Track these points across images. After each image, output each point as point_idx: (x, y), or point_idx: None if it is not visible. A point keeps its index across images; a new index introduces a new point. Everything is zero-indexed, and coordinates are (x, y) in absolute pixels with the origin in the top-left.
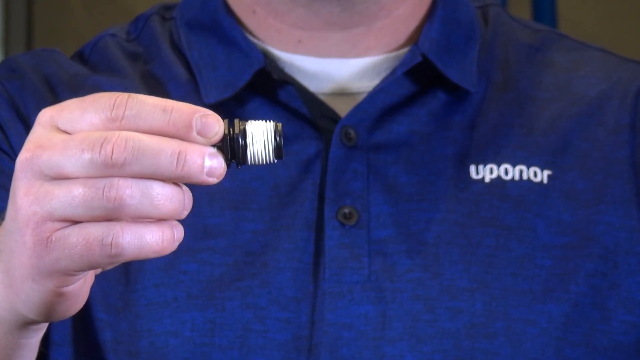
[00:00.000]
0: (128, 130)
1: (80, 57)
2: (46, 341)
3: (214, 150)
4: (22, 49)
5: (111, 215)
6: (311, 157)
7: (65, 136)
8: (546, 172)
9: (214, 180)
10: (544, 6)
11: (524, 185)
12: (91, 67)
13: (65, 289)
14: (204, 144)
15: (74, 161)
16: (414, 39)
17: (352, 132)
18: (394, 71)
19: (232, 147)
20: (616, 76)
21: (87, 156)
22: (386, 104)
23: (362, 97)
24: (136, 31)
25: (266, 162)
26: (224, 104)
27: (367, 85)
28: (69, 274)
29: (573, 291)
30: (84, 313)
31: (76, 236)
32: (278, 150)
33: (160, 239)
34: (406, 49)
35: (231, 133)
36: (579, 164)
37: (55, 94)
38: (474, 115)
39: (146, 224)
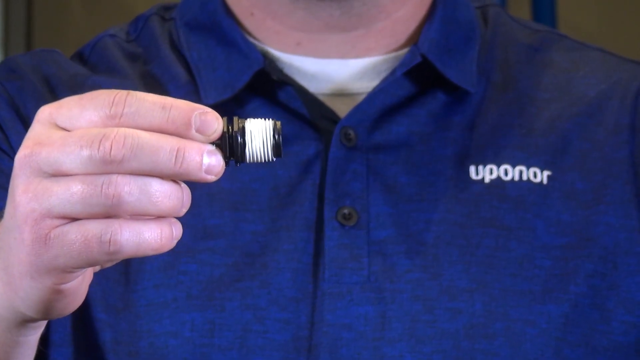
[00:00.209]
0: (127, 127)
1: (80, 57)
2: (46, 341)
3: (213, 147)
4: (22, 49)
5: (110, 212)
6: (311, 158)
7: (63, 133)
8: (546, 173)
9: (212, 178)
10: (544, 6)
11: (523, 186)
12: (91, 68)
13: (64, 286)
14: (202, 142)
15: (73, 158)
16: (414, 39)
17: (352, 133)
18: (393, 72)
19: (230, 145)
20: (616, 76)
21: (85, 153)
22: (386, 104)
23: (361, 97)
24: (136, 32)
25: (265, 160)
26: (223, 105)
27: (367, 85)
28: (68, 271)
29: (572, 292)
30: (83, 313)
31: (75, 233)
32: (277, 149)
33: (158, 236)
34: (406, 49)
35: (230, 131)
36: (579, 164)
37: (55, 94)
38: (473, 115)
39: (145, 221)
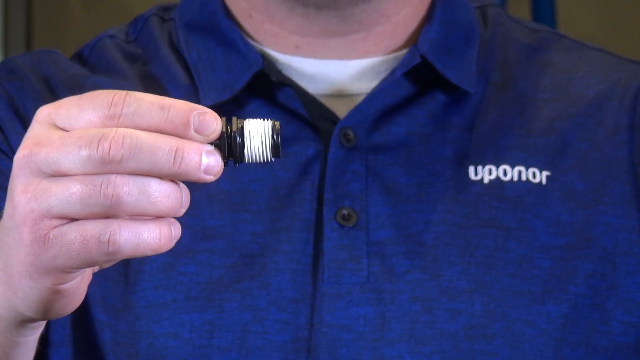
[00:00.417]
0: (126, 127)
1: (80, 58)
2: (45, 341)
3: (212, 148)
4: (22, 49)
5: (108, 213)
6: (310, 159)
7: (62, 133)
8: (545, 173)
9: (211, 178)
10: (544, 6)
11: (522, 186)
12: (90, 68)
13: (63, 286)
14: (201, 142)
15: (72, 158)
16: (413, 40)
17: (351, 134)
18: (392, 72)
19: (229, 145)
20: (615, 76)
21: (84, 153)
22: (385, 105)
23: (360, 98)
24: (135, 32)
25: (263, 160)
26: (222, 106)
27: (366, 86)
28: (67, 271)
29: (572, 292)
30: (83, 314)
31: (73, 233)
32: (275, 149)
33: (157, 237)
34: (405, 50)
35: (229, 131)
36: (578, 164)
37: (55, 94)
38: (472, 116)
39: (143, 221)
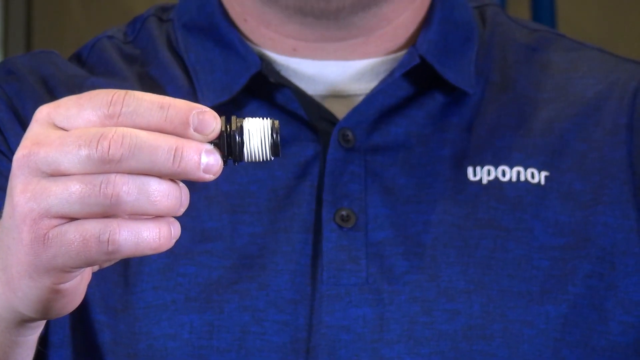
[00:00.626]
0: (125, 127)
1: (78, 59)
2: (45, 342)
3: (211, 147)
4: (22, 50)
5: (108, 212)
6: (309, 160)
7: (62, 133)
8: (543, 174)
9: (210, 177)
10: (543, 6)
11: (521, 187)
12: (89, 69)
13: (62, 286)
14: (200, 141)
15: (71, 157)
16: (412, 41)
17: (350, 134)
18: (392, 73)
19: (229, 144)
20: (614, 76)
21: (84, 152)
22: (384, 105)
23: (359, 99)
24: (133, 33)
25: (263, 159)
26: (221, 107)
27: (365, 87)
28: (66, 270)
29: (571, 292)
30: (82, 314)
31: (73, 233)
32: (275, 148)
33: (157, 236)
34: (404, 51)
35: (228, 130)
36: (577, 165)
37: (53, 95)
38: (471, 116)
39: (143, 220)
